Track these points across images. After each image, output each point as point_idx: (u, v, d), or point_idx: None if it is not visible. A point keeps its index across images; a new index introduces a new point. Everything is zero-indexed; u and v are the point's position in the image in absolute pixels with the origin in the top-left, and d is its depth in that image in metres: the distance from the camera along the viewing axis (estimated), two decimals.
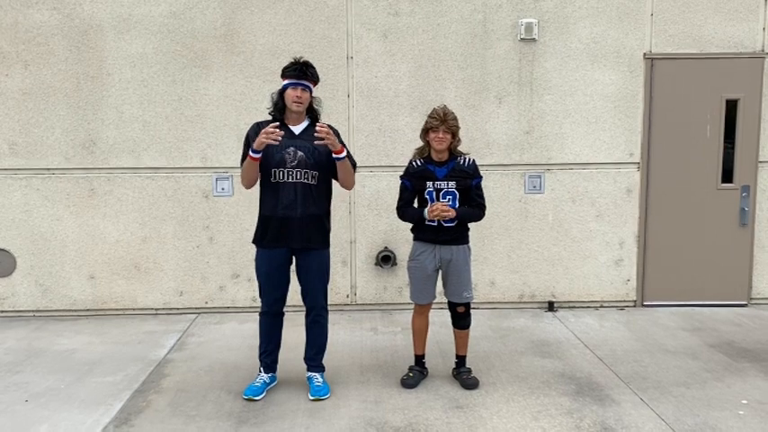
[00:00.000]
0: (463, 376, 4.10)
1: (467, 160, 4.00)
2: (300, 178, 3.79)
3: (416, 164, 4.03)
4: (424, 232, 4.03)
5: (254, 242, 3.97)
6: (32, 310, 5.66)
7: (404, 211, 4.10)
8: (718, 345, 4.78)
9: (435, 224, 3.96)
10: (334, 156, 3.78)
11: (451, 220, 3.95)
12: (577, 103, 5.61)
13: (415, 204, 4.09)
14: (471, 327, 4.18)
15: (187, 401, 3.88)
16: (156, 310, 5.69)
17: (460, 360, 4.18)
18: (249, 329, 5.18)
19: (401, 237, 5.65)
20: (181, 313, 5.66)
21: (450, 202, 3.94)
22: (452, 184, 3.93)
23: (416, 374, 4.14)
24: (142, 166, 5.56)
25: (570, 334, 5.06)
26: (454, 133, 3.92)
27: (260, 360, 4.06)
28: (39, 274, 5.62)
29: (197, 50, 5.47)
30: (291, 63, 3.84)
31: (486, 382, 4.13)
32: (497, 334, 5.09)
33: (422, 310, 4.14)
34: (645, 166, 5.67)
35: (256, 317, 4.06)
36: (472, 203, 4.03)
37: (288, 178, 3.79)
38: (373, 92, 5.56)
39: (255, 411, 3.74)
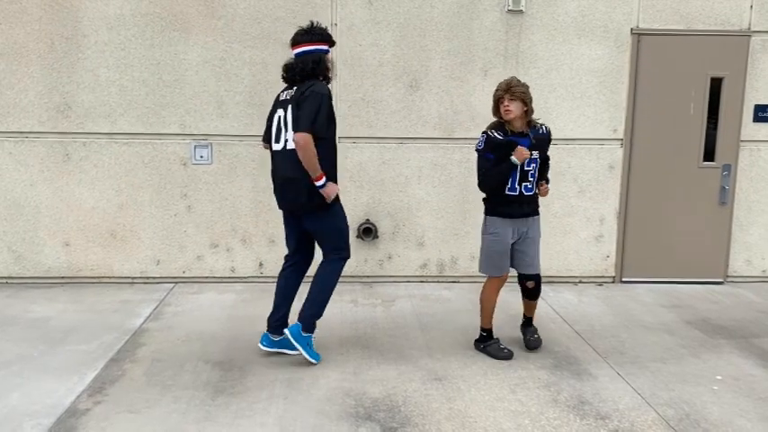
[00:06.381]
0: (528, 336, 4.24)
1: (544, 128, 4.05)
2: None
3: (498, 136, 3.93)
4: (509, 205, 3.98)
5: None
6: (5, 277, 5.54)
7: (488, 176, 3.97)
8: (695, 322, 4.83)
9: (517, 193, 3.95)
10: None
11: (530, 189, 3.99)
12: (563, 78, 5.56)
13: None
14: (452, 299, 4.19)
15: (163, 371, 3.83)
16: (133, 278, 5.60)
17: (528, 320, 4.34)
18: (227, 300, 5.12)
19: (383, 209, 5.60)
20: (158, 282, 5.58)
21: (533, 171, 3.99)
22: (535, 153, 3.97)
23: (505, 345, 4.20)
24: (119, 131, 5.42)
25: (549, 308, 5.07)
26: (524, 101, 3.88)
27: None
28: (12, 241, 5.50)
29: (176, 13, 5.31)
30: (324, 28, 3.91)
31: (465, 355, 4.13)
32: (477, 307, 5.07)
33: (499, 283, 4.14)
34: (628, 142, 5.66)
35: (235, 287, 4.03)
36: (543, 172, 4.15)
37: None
38: (357, 61, 5.45)
39: (233, 381, 3.70)
